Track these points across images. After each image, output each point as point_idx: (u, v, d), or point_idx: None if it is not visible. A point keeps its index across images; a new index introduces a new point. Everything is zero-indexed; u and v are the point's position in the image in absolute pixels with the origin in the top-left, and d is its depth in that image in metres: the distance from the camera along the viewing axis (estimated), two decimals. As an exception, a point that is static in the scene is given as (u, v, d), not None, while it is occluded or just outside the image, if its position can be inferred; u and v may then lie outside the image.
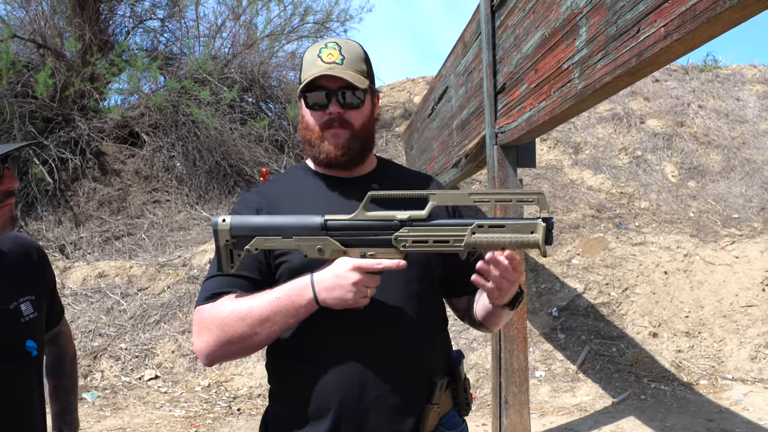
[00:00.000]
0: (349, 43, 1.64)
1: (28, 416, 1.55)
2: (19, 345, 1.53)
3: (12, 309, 1.53)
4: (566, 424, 5.35)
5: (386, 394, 1.54)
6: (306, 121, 1.65)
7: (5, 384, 1.49)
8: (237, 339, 1.48)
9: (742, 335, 6.80)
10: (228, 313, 1.48)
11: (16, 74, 9.08)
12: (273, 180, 1.76)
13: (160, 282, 7.48)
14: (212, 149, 9.43)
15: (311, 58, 1.62)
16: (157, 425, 5.35)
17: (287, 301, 1.46)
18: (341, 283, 1.43)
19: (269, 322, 1.46)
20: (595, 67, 3.10)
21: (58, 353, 1.82)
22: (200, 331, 1.51)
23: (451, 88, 6.54)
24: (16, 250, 1.60)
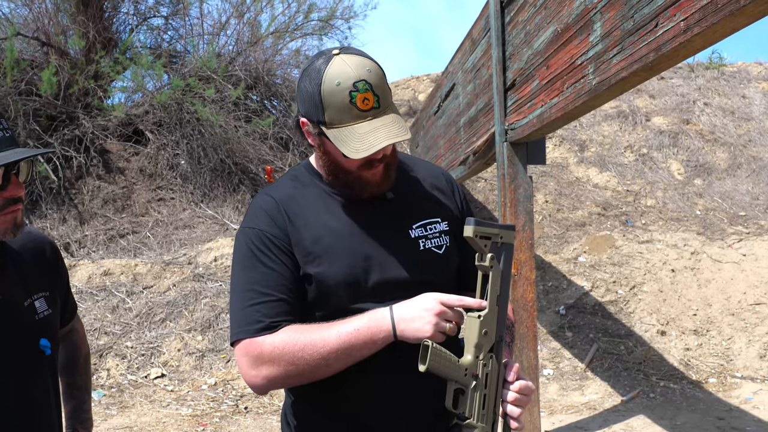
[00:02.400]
0: (372, 71, 1.45)
1: (43, 416, 1.52)
2: (33, 343, 1.49)
3: (26, 306, 1.49)
4: (576, 422, 5.32)
5: (424, 401, 1.53)
6: (336, 162, 1.53)
7: (19, 384, 1.46)
8: (308, 372, 1.44)
9: (750, 333, 6.77)
10: (301, 345, 1.42)
11: (20, 72, 9.06)
12: (283, 186, 1.63)
13: (165, 280, 7.46)
14: (217, 147, 9.41)
15: (340, 102, 1.43)
16: (164, 424, 5.33)
17: (366, 333, 1.41)
18: (422, 315, 1.39)
19: (345, 355, 1.42)
20: (610, 63, 3.06)
21: (71, 351, 1.80)
22: (260, 363, 1.44)
23: (459, 85, 6.51)
24: (29, 246, 1.57)
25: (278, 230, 1.51)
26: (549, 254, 7.95)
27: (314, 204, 1.56)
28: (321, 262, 1.50)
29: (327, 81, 1.43)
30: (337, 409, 1.54)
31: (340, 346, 1.41)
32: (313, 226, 1.52)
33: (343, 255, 1.51)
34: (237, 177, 9.56)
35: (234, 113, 9.81)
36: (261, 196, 1.60)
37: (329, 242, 1.51)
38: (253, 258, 1.50)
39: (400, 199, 1.61)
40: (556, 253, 7.95)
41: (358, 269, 1.50)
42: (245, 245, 1.53)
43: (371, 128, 1.43)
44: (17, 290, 1.49)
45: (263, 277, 1.49)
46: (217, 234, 8.61)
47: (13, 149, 1.37)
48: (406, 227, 1.58)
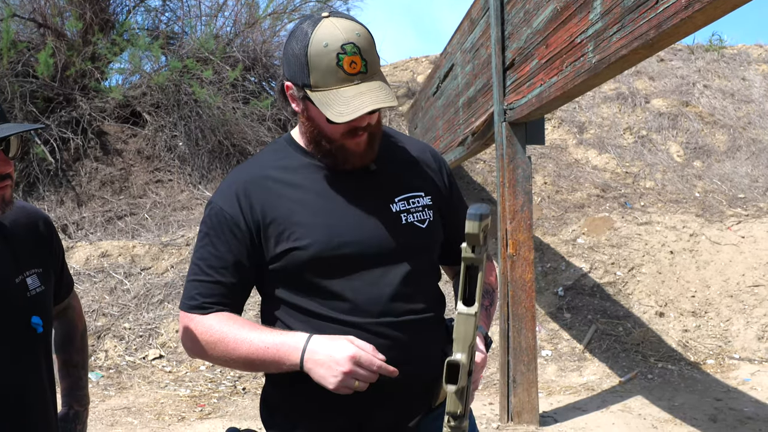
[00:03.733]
0: (362, 35, 1.41)
1: (35, 394, 1.49)
2: (24, 321, 1.47)
3: (17, 283, 1.46)
4: (574, 403, 5.33)
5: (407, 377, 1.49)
6: (319, 128, 1.49)
7: (10, 362, 1.43)
8: (219, 361, 1.52)
9: (748, 315, 6.78)
10: (217, 338, 1.47)
11: (17, 54, 9.00)
12: (262, 158, 1.59)
13: (163, 261, 7.46)
14: (215, 129, 9.36)
15: (327, 63, 1.39)
16: (162, 405, 5.34)
17: (275, 353, 1.43)
18: (331, 366, 1.37)
19: (249, 363, 1.47)
20: (610, 40, 3.04)
21: (67, 328, 1.77)
22: (185, 334, 1.53)
23: (457, 65, 6.47)
24: (22, 221, 1.53)
25: (240, 215, 1.50)
26: (548, 236, 7.94)
27: (292, 177, 1.53)
28: (296, 237, 1.47)
29: (314, 42, 1.39)
30: (308, 393, 1.50)
31: (247, 355, 1.45)
32: (288, 201, 1.49)
33: (320, 229, 1.47)
34: (235, 158, 9.52)
35: (232, 95, 9.75)
36: (237, 171, 1.58)
37: (304, 216, 1.48)
38: (207, 235, 1.53)
39: (384, 171, 1.57)
40: (555, 235, 7.95)
41: (337, 244, 1.47)
42: (206, 220, 1.55)
43: (357, 92, 1.39)
44: (8, 267, 1.46)
45: (209, 256, 1.51)
46: (215, 216, 8.59)
47: (1, 125, 1.34)
48: (388, 201, 1.54)
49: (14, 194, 1.46)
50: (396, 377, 1.46)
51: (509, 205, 4.83)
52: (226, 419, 4.97)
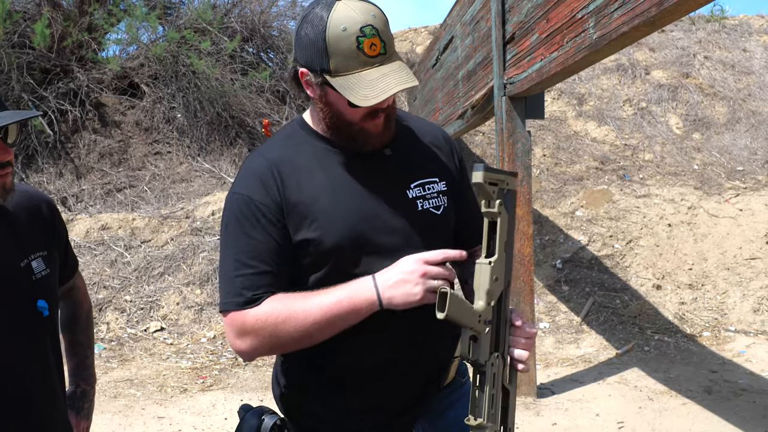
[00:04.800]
0: (377, 16, 1.40)
1: (42, 376, 1.51)
2: (30, 305, 1.48)
3: (23, 267, 1.47)
4: (571, 375, 5.40)
5: (423, 357, 1.53)
6: (339, 113, 1.47)
7: (17, 346, 1.45)
8: (291, 343, 1.44)
9: (745, 288, 6.83)
10: (284, 317, 1.41)
11: (13, 24, 8.92)
12: (277, 145, 1.57)
13: (163, 234, 7.48)
14: (213, 100, 9.32)
15: (347, 48, 1.38)
16: (164, 376, 5.40)
17: (348, 304, 1.38)
18: (407, 278, 1.36)
19: (327, 326, 1.40)
20: (611, 17, 3.03)
21: (72, 308, 1.80)
22: (243, 334, 1.44)
23: (457, 37, 6.44)
24: (25, 205, 1.54)
25: (269, 199, 1.46)
26: (546, 208, 7.96)
27: (309, 163, 1.51)
28: (318, 225, 1.46)
29: (332, 27, 1.37)
30: (326, 371, 1.53)
31: (322, 318, 1.39)
32: (308, 188, 1.48)
33: (340, 217, 1.47)
34: (234, 130, 9.50)
35: (230, 66, 9.70)
36: (254, 158, 1.55)
37: (325, 204, 1.47)
38: (240, 226, 1.47)
39: (399, 155, 1.57)
40: (554, 208, 7.97)
41: (355, 232, 1.47)
42: (234, 212, 1.49)
43: (380, 74, 1.38)
44: (13, 251, 1.47)
45: (249, 247, 1.45)
46: (215, 188, 8.59)
47: (22, 117, 1.35)
48: (404, 187, 1.55)
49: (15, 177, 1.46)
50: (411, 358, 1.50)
51: (508, 180, 4.83)
52: (227, 391, 5.03)
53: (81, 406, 1.78)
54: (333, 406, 1.57)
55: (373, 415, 1.56)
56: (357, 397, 1.55)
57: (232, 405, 4.74)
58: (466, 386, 1.70)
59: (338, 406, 1.57)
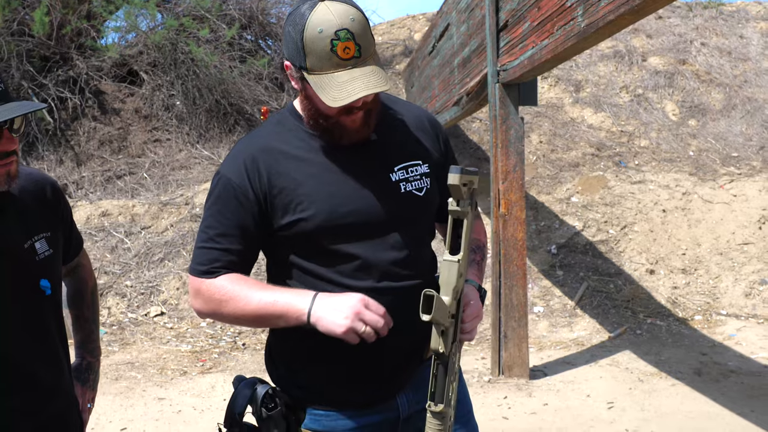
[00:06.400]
0: (356, 20, 1.46)
1: (45, 353, 1.59)
2: (33, 284, 1.56)
3: (26, 248, 1.55)
4: (563, 357, 5.49)
5: (402, 332, 1.59)
6: (317, 107, 1.56)
7: (20, 324, 1.53)
8: (230, 320, 1.63)
9: (737, 272, 6.92)
10: (228, 297, 1.56)
11: (12, 12, 8.96)
12: (267, 131, 1.65)
13: (163, 220, 7.56)
14: (212, 88, 9.38)
15: (321, 49, 1.45)
16: (165, 359, 5.50)
17: (282, 308, 1.52)
18: (341, 310, 1.46)
19: (258, 319, 1.56)
20: (598, 5, 3.09)
21: (77, 285, 1.89)
22: (196, 297, 1.62)
23: (453, 25, 6.50)
24: (29, 187, 1.61)
25: (247, 184, 1.56)
26: (542, 194, 8.04)
27: (296, 149, 1.60)
28: (303, 208, 1.55)
29: (309, 27, 1.45)
30: (310, 342, 1.59)
31: (255, 311, 1.54)
32: (294, 173, 1.57)
33: (325, 200, 1.55)
34: (233, 118, 9.56)
35: (228, 53, 9.76)
36: (243, 143, 1.65)
37: (310, 188, 1.56)
38: (216, 204, 1.60)
39: (383, 140, 1.64)
40: (549, 194, 8.04)
41: (339, 214, 1.55)
42: (215, 190, 1.61)
43: (350, 78, 1.45)
44: (17, 233, 1.55)
45: (219, 225, 1.59)
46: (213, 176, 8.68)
47: (5, 104, 1.41)
48: (387, 170, 1.62)
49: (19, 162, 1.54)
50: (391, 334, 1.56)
51: (502, 166, 4.92)
52: (226, 373, 5.13)
53: (87, 378, 1.88)
54: (317, 376, 1.66)
55: (356, 384, 1.65)
56: (340, 367, 1.63)
57: (231, 387, 4.84)
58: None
59: (322, 376, 1.66)
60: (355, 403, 1.67)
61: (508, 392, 4.72)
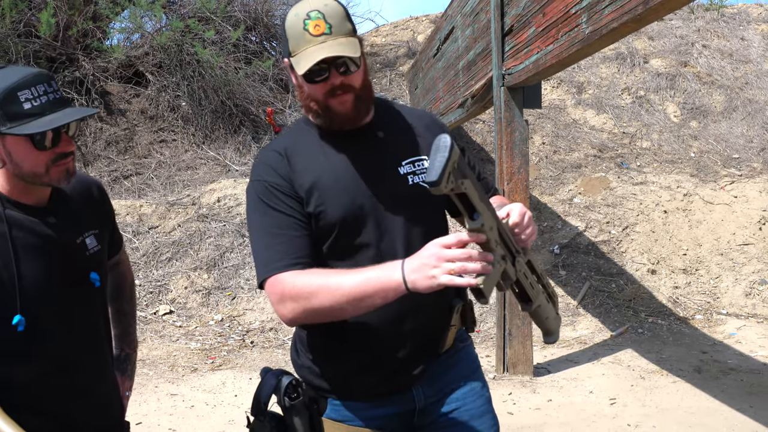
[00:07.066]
0: (328, 5, 1.62)
1: (94, 340, 1.74)
2: (84, 276, 1.70)
3: (78, 243, 1.70)
4: (566, 355, 5.59)
5: (418, 324, 1.71)
6: (307, 92, 1.68)
7: (74, 313, 1.67)
8: (324, 312, 1.56)
9: (737, 272, 7.01)
10: (317, 286, 1.54)
11: (19, 13, 9.06)
12: (284, 138, 1.79)
13: (170, 220, 7.65)
14: (217, 89, 9.47)
15: (297, 30, 1.61)
16: (175, 357, 5.59)
17: (377, 282, 1.50)
18: (426, 263, 1.44)
19: (356, 300, 1.52)
20: (602, 13, 3.19)
21: (118, 280, 2.00)
22: (284, 299, 1.59)
23: (458, 28, 6.59)
24: (79, 188, 1.75)
25: (280, 179, 1.67)
26: (545, 195, 8.14)
27: (312, 149, 1.72)
28: (322, 201, 1.66)
29: (289, 15, 1.63)
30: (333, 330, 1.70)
31: (351, 292, 1.51)
32: (312, 170, 1.69)
33: (342, 193, 1.67)
34: (238, 119, 9.65)
35: (234, 55, 9.84)
36: (264, 151, 1.77)
37: (327, 183, 1.67)
38: (263, 206, 1.67)
39: (391, 138, 1.77)
40: (552, 194, 8.14)
41: (356, 205, 1.67)
42: (254, 196, 1.69)
43: (318, 48, 1.59)
44: (70, 229, 1.69)
45: (275, 220, 1.65)
46: (220, 175, 8.76)
47: (63, 110, 1.55)
48: (396, 165, 1.74)
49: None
50: (407, 326, 1.68)
51: (506, 167, 5.01)
52: (236, 370, 5.23)
53: (125, 368, 2.01)
54: (337, 367, 1.77)
55: (374, 374, 1.75)
56: (359, 357, 1.74)
57: (241, 383, 4.95)
58: (463, 351, 1.89)
59: (342, 367, 1.76)
60: (373, 393, 1.77)
61: (513, 389, 4.82)
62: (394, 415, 1.79)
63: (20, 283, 1.54)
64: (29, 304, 1.56)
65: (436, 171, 1.35)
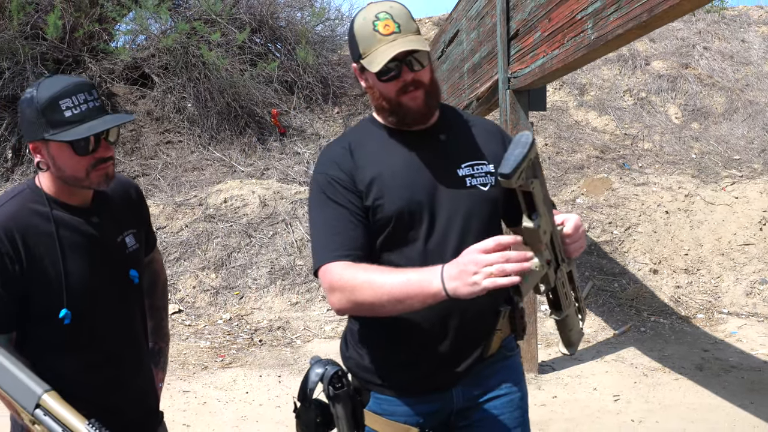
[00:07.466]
0: (394, 7, 1.71)
1: (132, 333, 1.84)
2: (124, 273, 1.80)
3: (119, 242, 1.80)
4: (570, 354, 5.68)
5: (465, 324, 1.76)
6: (379, 91, 1.75)
7: (115, 308, 1.77)
8: (367, 306, 1.62)
9: (738, 272, 7.11)
10: (361, 281, 1.61)
11: (26, 16, 9.15)
12: (350, 134, 1.87)
13: (177, 221, 7.75)
14: (223, 90, 9.56)
15: (367, 31, 1.70)
16: (185, 355, 5.68)
17: (417, 286, 1.54)
18: (466, 269, 1.47)
19: (396, 301, 1.57)
20: (608, 20, 3.28)
21: (152, 277, 2.10)
22: (333, 289, 1.66)
23: (463, 31, 6.69)
24: (118, 189, 1.86)
25: (343, 173, 1.74)
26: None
27: (375, 146, 1.80)
28: (381, 195, 1.73)
29: (357, 20, 1.72)
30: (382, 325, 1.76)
31: (392, 292, 1.56)
32: (374, 165, 1.76)
33: (401, 189, 1.74)
34: (243, 120, 9.74)
35: (239, 57, 9.93)
36: (329, 146, 1.85)
37: (387, 177, 1.74)
38: (324, 198, 1.74)
39: (452, 141, 1.84)
40: (555, 195, 8.23)
41: (414, 201, 1.73)
42: (316, 189, 1.77)
43: (390, 46, 1.67)
44: (111, 228, 1.79)
45: (334, 212, 1.72)
46: (226, 176, 8.86)
47: (102, 117, 1.65)
48: (456, 166, 1.80)
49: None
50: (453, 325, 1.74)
51: (512, 169, 5.10)
52: (246, 368, 5.32)
53: (158, 360, 2.10)
54: (383, 360, 1.83)
55: (417, 368, 1.81)
56: (405, 350, 1.80)
57: (252, 380, 5.04)
58: (509, 360, 1.93)
59: (387, 361, 1.82)
60: (415, 389, 1.83)
61: (518, 386, 4.91)
62: (432, 413, 1.84)
63: (66, 279, 1.64)
64: (75, 299, 1.66)
65: (510, 164, 1.39)
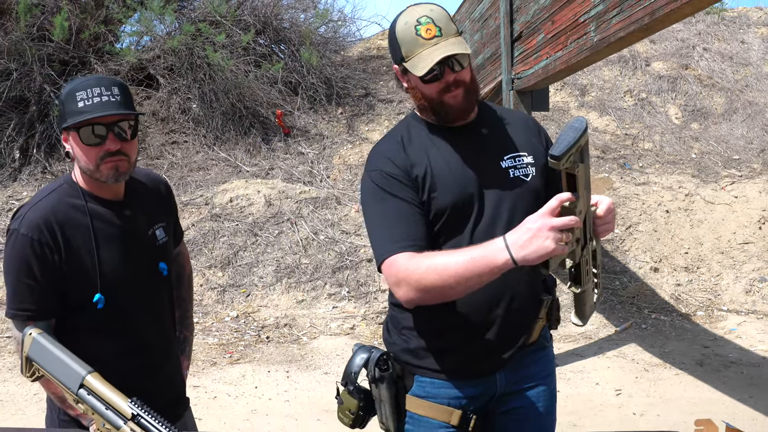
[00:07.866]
0: (435, 10, 1.76)
1: (163, 323, 1.94)
2: (155, 266, 1.90)
3: (149, 235, 1.90)
4: (573, 349, 5.78)
5: (510, 312, 1.82)
6: (421, 92, 1.81)
7: (146, 299, 1.87)
8: (436, 291, 1.64)
9: (738, 270, 7.20)
10: (425, 267, 1.63)
11: (32, 18, 9.25)
12: (398, 130, 1.91)
13: (184, 220, 7.84)
14: (228, 91, 9.64)
15: (409, 35, 1.74)
16: (194, 352, 5.76)
17: (482, 261, 1.56)
18: (537, 234, 1.49)
19: (464, 279, 1.59)
20: (610, 22, 3.38)
21: (178, 270, 2.19)
22: (399, 282, 1.68)
23: (466, 33, 6.78)
24: (149, 185, 1.96)
25: (396, 168, 1.79)
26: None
27: (423, 141, 1.87)
28: (435, 187, 1.80)
29: (398, 23, 1.78)
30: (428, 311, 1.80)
31: (457, 271, 1.59)
32: (425, 159, 1.82)
33: (452, 182, 1.80)
34: (248, 121, 9.82)
35: (243, 58, 10.02)
36: (379, 144, 1.91)
37: (439, 171, 1.81)
38: (381, 192, 1.79)
39: (493, 134, 1.91)
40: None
41: (466, 192, 1.80)
42: (371, 185, 1.81)
43: (433, 49, 1.73)
44: (143, 221, 1.89)
45: (393, 206, 1.77)
46: (231, 176, 8.95)
47: (109, 110, 1.70)
48: (499, 159, 1.87)
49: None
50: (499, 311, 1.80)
51: (515, 168, 5.20)
52: (254, 364, 5.42)
53: (183, 349, 2.19)
54: (427, 344, 1.87)
55: (463, 352, 1.86)
56: (452, 334, 1.85)
57: (260, 376, 5.14)
58: (548, 350, 2.01)
59: (432, 344, 1.87)
60: (460, 373, 1.87)
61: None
62: (476, 396, 1.88)
63: (100, 266, 1.75)
64: (108, 285, 1.76)
65: (561, 147, 1.42)
